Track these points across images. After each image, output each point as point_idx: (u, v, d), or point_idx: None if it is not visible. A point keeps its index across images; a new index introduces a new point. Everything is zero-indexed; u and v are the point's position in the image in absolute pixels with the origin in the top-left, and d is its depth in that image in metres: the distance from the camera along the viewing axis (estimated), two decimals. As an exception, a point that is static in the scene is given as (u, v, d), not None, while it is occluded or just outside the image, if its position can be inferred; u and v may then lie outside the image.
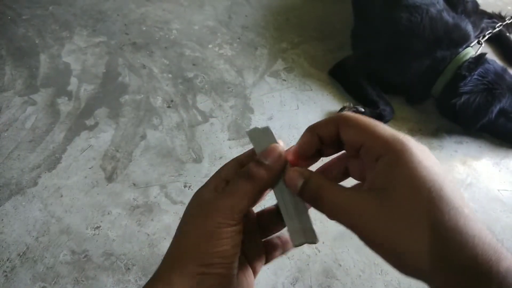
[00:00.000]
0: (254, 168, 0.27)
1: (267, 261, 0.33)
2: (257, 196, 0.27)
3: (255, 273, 0.31)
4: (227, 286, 0.26)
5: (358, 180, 0.28)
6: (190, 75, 1.02)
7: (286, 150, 0.28)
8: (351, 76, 1.05)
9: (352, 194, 0.23)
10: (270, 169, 0.26)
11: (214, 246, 0.25)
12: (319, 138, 0.26)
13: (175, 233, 0.28)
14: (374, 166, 0.23)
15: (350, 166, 0.28)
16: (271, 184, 0.27)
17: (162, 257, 0.27)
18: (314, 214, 0.27)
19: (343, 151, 0.28)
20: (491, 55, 1.18)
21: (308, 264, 0.70)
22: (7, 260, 0.64)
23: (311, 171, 0.26)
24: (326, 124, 0.26)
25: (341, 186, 0.24)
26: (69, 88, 0.92)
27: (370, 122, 0.24)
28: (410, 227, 0.20)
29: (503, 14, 1.32)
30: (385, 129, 0.23)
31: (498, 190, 0.91)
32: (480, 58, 0.96)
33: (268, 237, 0.33)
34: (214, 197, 0.27)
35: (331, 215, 0.24)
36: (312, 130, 0.26)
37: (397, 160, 0.21)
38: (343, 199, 0.23)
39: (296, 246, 0.26)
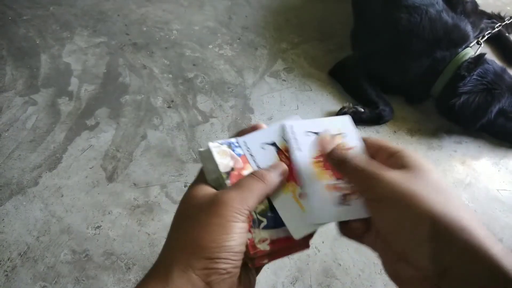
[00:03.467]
0: (267, 172, 0.30)
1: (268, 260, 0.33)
2: (264, 196, 0.29)
3: (257, 271, 0.31)
4: (231, 285, 0.26)
5: None
6: (191, 75, 1.02)
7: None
8: (351, 76, 1.05)
9: (373, 162, 0.28)
10: (279, 177, 0.30)
11: (224, 240, 0.25)
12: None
13: (172, 229, 0.28)
14: (387, 160, 0.28)
15: None
16: (276, 190, 0.30)
17: (162, 257, 0.27)
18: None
19: None
20: (490, 56, 1.18)
21: (308, 264, 0.70)
22: (8, 259, 0.64)
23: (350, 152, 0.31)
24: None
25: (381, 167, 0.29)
26: (70, 88, 0.93)
27: (383, 141, 0.31)
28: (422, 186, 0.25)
29: (502, 14, 1.32)
30: (393, 145, 0.30)
31: (497, 190, 0.91)
32: (480, 58, 0.96)
33: None
34: (222, 191, 0.27)
35: (351, 177, 0.28)
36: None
37: (405, 154, 0.28)
38: (365, 165, 0.27)
39: (297, 238, 0.29)
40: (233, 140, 0.32)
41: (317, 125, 0.33)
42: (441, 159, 0.96)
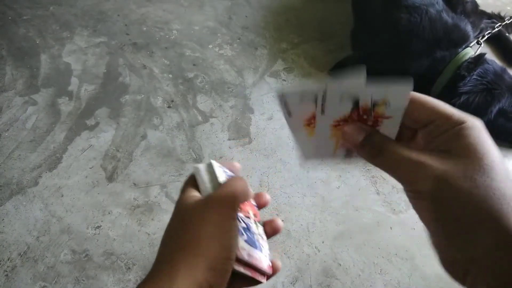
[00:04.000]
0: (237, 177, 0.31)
1: None
2: (248, 193, 0.30)
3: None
4: (225, 285, 0.26)
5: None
6: (191, 75, 1.02)
7: None
8: (350, 76, 1.05)
9: (413, 151, 0.24)
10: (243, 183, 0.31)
11: (230, 238, 0.26)
12: None
13: (170, 231, 0.28)
14: (443, 134, 0.24)
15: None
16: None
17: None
18: (313, 213, 0.27)
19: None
20: (490, 55, 1.18)
21: (307, 264, 0.70)
22: (8, 259, 0.64)
23: (372, 129, 0.27)
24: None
25: (402, 143, 0.25)
26: (70, 88, 0.93)
27: (439, 102, 0.25)
28: (470, 182, 0.21)
29: (502, 14, 1.32)
30: (454, 109, 0.25)
31: (498, 190, 0.91)
32: (480, 58, 0.96)
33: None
34: (215, 192, 0.28)
35: (391, 169, 0.24)
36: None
37: (467, 132, 0.23)
38: (406, 154, 0.24)
39: (304, 160, 0.32)
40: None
41: (355, 87, 0.27)
42: (441, 159, 0.96)
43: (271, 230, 0.36)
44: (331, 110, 0.28)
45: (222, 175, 0.33)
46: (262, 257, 0.32)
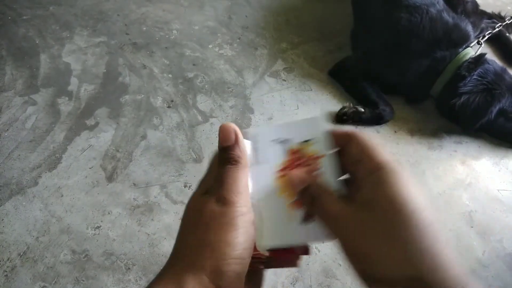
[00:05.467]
0: (233, 152, 0.28)
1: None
2: (246, 177, 0.28)
3: (262, 276, 0.31)
4: (239, 283, 0.25)
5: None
6: (191, 75, 1.02)
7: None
8: (351, 76, 1.05)
9: (344, 206, 0.25)
10: (239, 147, 0.28)
11: (233, 237, 0.25)
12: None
13: (180, 233, 0.27)
14: (367, 179, 0.25)
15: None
16: (246, 160, 0.28)
17: (162, 257, 0.27)
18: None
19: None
20: (490, 55, 1.18)
21: (308, 264, 0.70)
22: (8, 259, 0.64)
23: (312, 177, 0.27)
24: (343, 134, 0.28)
25: (337, 195, 0.26)
26: (70, 88, 0.93)
27: (373, 143, 0.26)
28: (387, 241, 0.22)
29: (502, 14, 1.32)
30: (382, 152, 0.25)
31: (498, 190, 0.91)
32: (480, 58, 0.96)
33: None
34: (217, 191, 0.27)
35: (323, 220, 0.26)
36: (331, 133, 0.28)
37: (385, 179, 0.23)
38: (336, 209, 0.25)
39: (260, 245, 0.26)
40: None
41: (285, 131, 0.29)
42: (441, 159, 0.96)
43: None
44: (266, 157, 0.28)
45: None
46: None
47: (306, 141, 0.28)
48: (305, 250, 0.30)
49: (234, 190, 0.27)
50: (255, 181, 0.28)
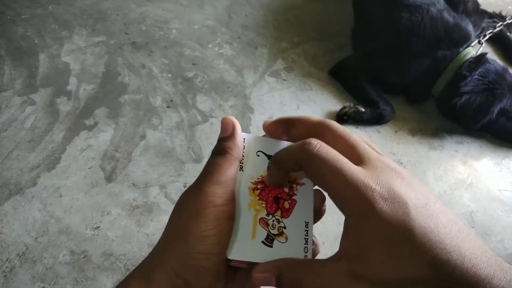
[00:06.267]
0: (222, 143, 0.27)
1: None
2: (234, 168, 0.27)
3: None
4: (211, 285, 0.24)
5: None
6: (190, 74, 1.02)
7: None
8: (351, 76, 1.05)
9: (330, 274, 0.22)
10: (233, 140, 0.27)
11: (200, 230, 0.23)
12: (287, 170, 0.26)
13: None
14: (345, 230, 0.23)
15: None
16: (240, 153, 0.28)
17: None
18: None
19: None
20: (491, 55, 1.17)
21: (308, 265, 0.70)
22: (7, 260, 0.64)
23: (279, 262, 0.24)
24: (289, 160, 0.25)
25: (316, 266, 0.23)
26: (69, 88, 0.92)
27: (334, 167, 0.22)
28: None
29: (503, 13, 1.31)
30: (348, 184, 0.21)
31: (499, 190, 0.91)
32: (481, 58, 0.96)
33: None
34: (195, 183, 0.26)
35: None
36: (277, 164, 0.26)
37: (363, 222, 0.21)
38: (321, 284, 0.22)
39: (228, 257, 0.24)
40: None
41: (273, 147, 0.29)
42: (442, 159, 0.95)
43: None
44: (249, 167, 0.28)
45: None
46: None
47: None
48: None
49: (213, 180, 0.25)
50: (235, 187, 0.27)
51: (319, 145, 0.23)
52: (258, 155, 0.28)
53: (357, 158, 0.23)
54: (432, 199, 0.22)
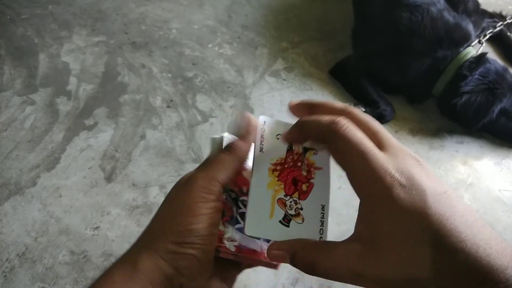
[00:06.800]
0: (235, 142, 0.28)
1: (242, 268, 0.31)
2: (235, 167, 0.27)
3: (232, 280, 0.30)
4: (200, 272, 0.25)
5: None
6: (190, 74, 1.01)
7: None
8: (351, 75, 1.05)
9: (343, 255, 0.22)
10: (248, 143, 0.28)
11: (190, 223, 0.24)
12: (306, 138, 0.26)
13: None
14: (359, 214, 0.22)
15: None
16: (246, 155, 0.28)
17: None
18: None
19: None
20: (492, 55, 1.17)
21: (308, 265, 0.70)
22: (6, 260, 0.64)
23: (295, 242, 0.25)
24: (314, 130, 0.25)
25: (330, 247, 0.23)
26: (68, 87, 0.92)
27: (358, 148, 0.22)
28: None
29: (504, 13, 1.31)
30: (369, 167, 0.22)
31: (499, 190, 0.91)
32: (481, 58, 0.95)
33: None
34: (194, 172, 0.27)
35: (328, 278, 0.23)
36: (300, 128, 0.26)
37: (379, 207, 0.21)
38: (335, 264, 0.22)
39: (246, 234, 0.26)
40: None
41: None
42: (442, 159, 0.95)
43: None
44: (268, 148, 0.28)
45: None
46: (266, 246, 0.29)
47: (309, 149, 0.29)
48: (274, 264, 0.29)
49: (210, 175, 0.26)
50: (253, 167, 0.28)
51: (347, 124, 0.23)
52: (278, 138, 0.29)
53: (380, 144, 0.23)
54: (450, 188, 0.22)
